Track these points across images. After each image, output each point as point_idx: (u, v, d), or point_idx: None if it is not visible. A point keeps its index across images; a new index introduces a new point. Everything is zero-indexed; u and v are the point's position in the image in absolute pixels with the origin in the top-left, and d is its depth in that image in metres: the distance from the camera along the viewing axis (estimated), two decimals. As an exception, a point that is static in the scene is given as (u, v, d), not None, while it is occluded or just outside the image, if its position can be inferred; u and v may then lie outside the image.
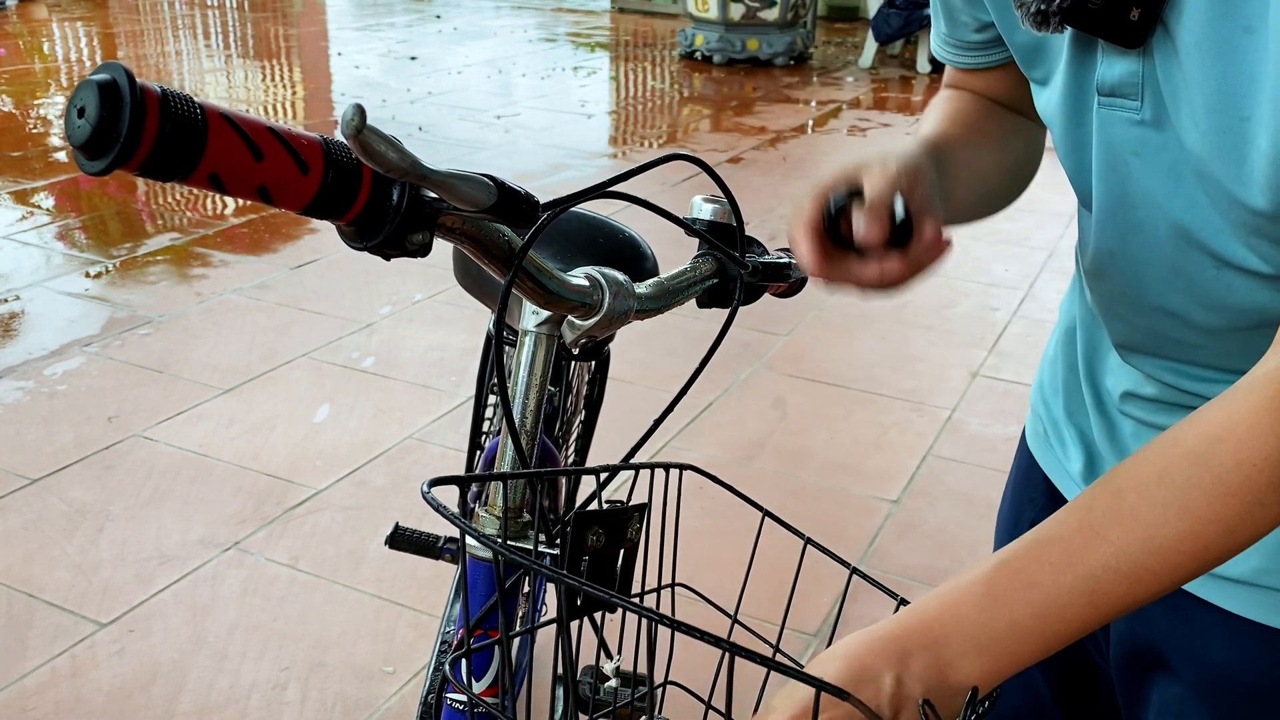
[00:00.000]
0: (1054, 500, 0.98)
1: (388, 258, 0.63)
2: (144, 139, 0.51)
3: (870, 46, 8.76)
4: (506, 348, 1.15)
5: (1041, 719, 1.04)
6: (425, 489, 0.65)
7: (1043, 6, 0.66)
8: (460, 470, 2.24)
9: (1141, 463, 0.61)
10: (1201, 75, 0.60)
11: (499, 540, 0.82)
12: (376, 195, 0.60)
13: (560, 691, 1.08)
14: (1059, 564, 0.60)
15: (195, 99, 0.53)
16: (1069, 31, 0.69)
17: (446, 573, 2.18)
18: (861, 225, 0.74)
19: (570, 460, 1.73)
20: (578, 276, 0.77)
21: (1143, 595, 0.60)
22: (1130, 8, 0.62)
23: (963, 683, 0.61)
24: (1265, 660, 0.78)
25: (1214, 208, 0.64)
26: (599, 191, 0.74)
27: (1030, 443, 1.03)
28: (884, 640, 0.61)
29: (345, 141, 0.53)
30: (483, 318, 2.97)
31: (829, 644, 0.72)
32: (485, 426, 1.77)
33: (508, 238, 0.69)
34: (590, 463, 1.75)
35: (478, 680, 0.89)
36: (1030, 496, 1.02)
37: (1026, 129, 0.96)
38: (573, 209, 0.75)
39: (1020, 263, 4.40)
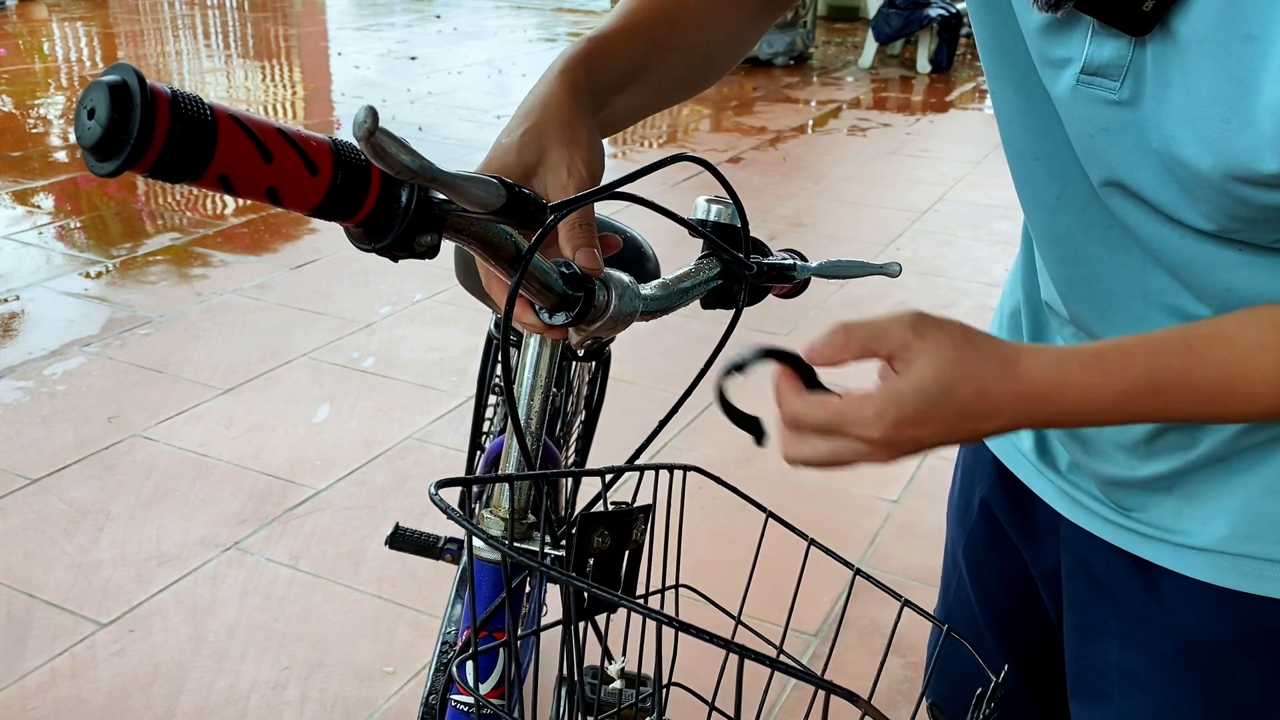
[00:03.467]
0: (1003, 479, 0.99)
1: (395, 259, 0.63)
2: (154, 140, 0.50)
3: (870, 46, 8.76)
4: (511, 349, 1.15)
5: (1005, 703, 1.05)
6: (433, 491, 0.64)
7: None
8: (460, 471, 2.24)
9: (1251, 321, 0.68)
10: (1196, 72, 0.62)
11: (505, 542, 0.82)
12: (385, 197, 0.60)
13: (564, 693, 1.08)
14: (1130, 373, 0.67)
15: (205, 100, 0.53)
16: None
17: (447, 573, 2.18)
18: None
19: (570, 461, 1.73)
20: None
21: (1180, 414, 0.69)
22: None
23: (984, 432, 0.68)
24: (1231, 621, 0.81)
25: (1175, 183, 0.66)
26: (605, 192, 0.74)
27: None
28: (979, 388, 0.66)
29: (355, 143, 0.53)
30: (483, 318, 2.97)
31: (832, 645, 0.72)
32: (485, 427, 1.77)
33: (515, 239, 0.69)
34: (590, 463, 1.76)
35: (481, 681, 0.89)
36: (980, 476, 1.03)
37: (748, 23, 0.96)
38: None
39: (1020, 264, 4.39)
